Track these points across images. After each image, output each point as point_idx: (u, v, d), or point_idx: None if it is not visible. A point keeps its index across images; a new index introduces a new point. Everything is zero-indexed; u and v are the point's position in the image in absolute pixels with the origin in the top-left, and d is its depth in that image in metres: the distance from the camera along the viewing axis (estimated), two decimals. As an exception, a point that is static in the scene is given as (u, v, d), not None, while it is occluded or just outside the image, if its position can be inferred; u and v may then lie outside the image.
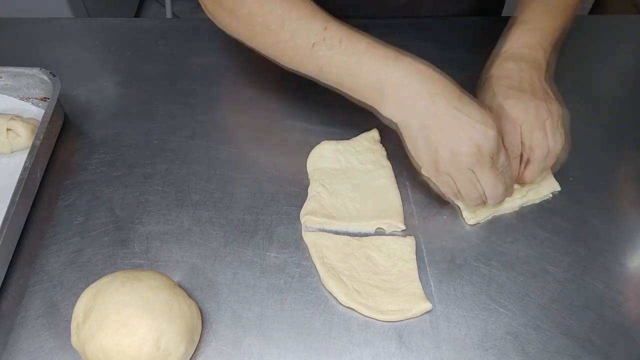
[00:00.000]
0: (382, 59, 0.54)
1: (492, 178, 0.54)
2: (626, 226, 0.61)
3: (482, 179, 0.54)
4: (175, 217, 0.61)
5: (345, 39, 0.55)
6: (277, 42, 0.58)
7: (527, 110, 0.57)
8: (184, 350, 0.48)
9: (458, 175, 0.54)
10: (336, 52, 0.55)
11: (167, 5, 1.87)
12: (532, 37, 0.62)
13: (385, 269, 0.57)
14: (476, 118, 0.52)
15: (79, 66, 0.76)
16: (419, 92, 0.53)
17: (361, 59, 0.54)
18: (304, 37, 0.56)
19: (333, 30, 0.55)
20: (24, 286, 0.55)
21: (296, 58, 0.58)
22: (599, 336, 0.53)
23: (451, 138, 0.52)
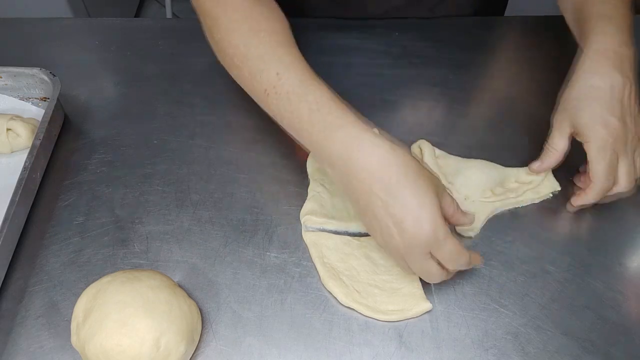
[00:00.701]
0: (322, 129, 0.49)
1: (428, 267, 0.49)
2: (626, 226, 0.61)
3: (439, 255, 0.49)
4: (175, 217, 0.61)
5: (292, 93, 0.51)
6: (241, 79, 0.58)
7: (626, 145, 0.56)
8: (184, 350, 0.48)
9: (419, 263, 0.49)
10: (283, 105, 0.52)
11: (167, 5, 1.87)
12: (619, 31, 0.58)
13: (385, 269, 0.57)
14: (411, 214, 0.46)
15: (79, 66, 0.76)
16: (354, 184, 0.48)
17: (302, 122, 0.51)
18: (259, 81, 0.54)
19: (285, 78, 0.52)
20: (24, 286, 0.55)
21: (255, 98, 0.57)
22: (599, 336, 0.53)
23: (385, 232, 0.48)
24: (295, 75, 0.52)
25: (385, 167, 0.47)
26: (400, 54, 0.78)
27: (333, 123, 0.49)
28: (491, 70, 0.79)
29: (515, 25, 0.85)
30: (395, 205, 0.47)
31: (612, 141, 0.55)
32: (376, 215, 0.48)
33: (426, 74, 0.75)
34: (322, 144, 0.50)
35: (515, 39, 0.83)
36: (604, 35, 0.57)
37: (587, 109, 0.56)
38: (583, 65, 0.58)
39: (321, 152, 0.50)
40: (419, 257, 0.48)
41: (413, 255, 0.48)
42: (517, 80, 0.76)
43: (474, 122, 0.70)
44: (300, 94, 0.51)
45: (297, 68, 0.53)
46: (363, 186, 0.48)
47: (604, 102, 0.56)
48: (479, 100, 0.74)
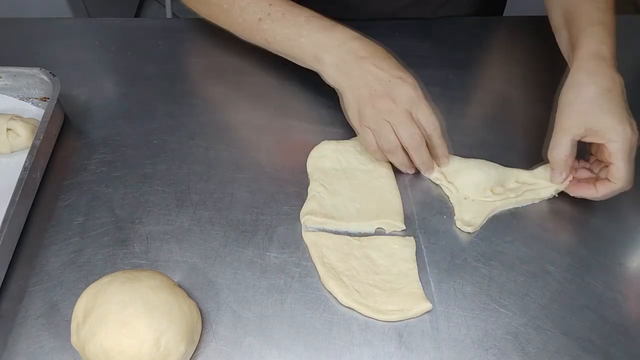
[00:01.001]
0: (319, 29, 0.61)
1: (408, 129, 0.58)
2: (626, 226, 0.61)
3: (398, 130, 0.58)
4: (175, 217, 0.61)
5: (287, 12, 0.63)
6: (229, 18, 0.67)
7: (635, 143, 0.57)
8: (184, 350, 0.48)
9: (376, 126, 0.59)
10: (278, 25, 0.63)
11: (167, 5, 1.87)
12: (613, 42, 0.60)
13: (385, 269, 0.57)
14: (394, 74, 0.58)
15: (79, 66, 0.76)
16: (349, 57, 0.60)
17: (301, 30, 0.62)
18: (251, 13, 0.64)
19: (277, 6, 0.63)
20: (24, 286, 0.55)
21: (246, 31, 0.67)
22: (599, 336, 0.53)
23: (371, 93, 0.58)
24: (286, 2, 0.64)
25: (377, 50, 0.61)
26: (400, 54, 0.77)
27: (327, 26, 0.62)
28: (491, 70, 0.79)
29: (515, 25, 0.85)
30: (384, 68, 0.59)
31: (631, 142, 0.56)
32: (363, 83, 0.59)
33: (426, 74, 0.75)
34: (317, 44, 0.61)
35: (515, 39, 0.83)
36: (596, 39, 0.59)
37: (608, 112, 0.56)
38: (585, 66, 0.58)
39: (318, 49, 0.61)
40: (400, 111, 0.58)
41: (394, 111, 0.58)
42: (517, 80, 0.76)
43: (474, 122, 0.70)
44: (295, 12, 0.63)
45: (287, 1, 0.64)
46: (354, 63, 0.59)
47: (620, 105, 0.56)
48: (479, 100, 0.74)
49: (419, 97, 0.58)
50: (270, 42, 0.65)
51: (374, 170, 0.65)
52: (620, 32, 0.62)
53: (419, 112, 0.58)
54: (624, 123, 0.55)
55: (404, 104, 0.58)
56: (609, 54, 0.58)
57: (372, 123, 0.59)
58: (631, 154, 0.56)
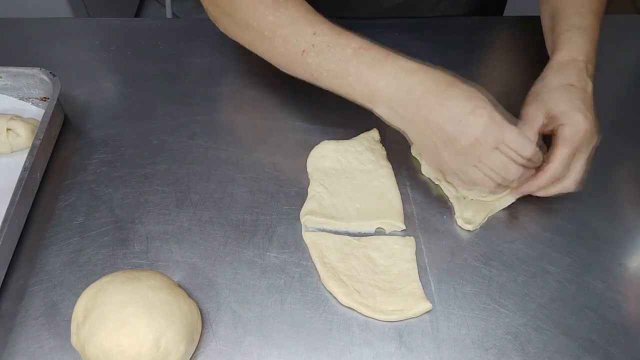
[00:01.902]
0: (368, 64, 0.53)
1: (502, 162, 0.53)
2: (626, 226, 0.61)
3: (494, 166, 0.53)
4: (175, 217, 0.61)
5: (333, 44, 0.54)
6: (270, 49, 0.59)
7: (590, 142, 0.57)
8: (184, 350, 0.48)
9: (467, 170, 0.54)
10: (324, 58, 0.55)
11: (167, 5, 1.87)
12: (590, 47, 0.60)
13: (385, 269, 0.57)
14: (466, 110, 0.51)
15: (79, 66, 0.76)
16: (405, 96, 0.52)
17: (348, 66, 0.54)
18: (295, 43, 0.56)
19: (321, 36, 0.55)
20: (24, 286, 0.55)
21: (289, 64, 0.58)
22: (599, 336, 0.53)
23: (447, 137, 0.52)
24: (332, 30, 0.55)
25: (437, 81, 0.52)
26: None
27: (377, 59, 0.53)
28: (491, 70, 0.79)
29: (515, 25, 0.85)
30: (451, 104, 0.51)
31: (583, 132, 0.55)
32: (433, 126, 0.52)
33: (426, 74, 0.75)
34: (367, 82, 0.53)
35: (515, 39, 0.83)
36: (571, 45, 0.60)
37: (567, 100, 0.56)
38: (556, 67, 0.60)
39: (369, 86, 0.53)
40: (487, 151, 0.51)
41: (480, 150, 0.51)
42: (517, 80, 0.76)
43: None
44: (342, 44, 0.54)
45: (330, 25, 0.56)
46: (414, 105, 0.52)
47: (581, 96, 0.57)
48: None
49: (502, 125, 0.51)
50: (315, 77, 0.57)
51: (374, 170, 0.65)
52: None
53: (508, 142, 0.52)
54: (582, 113, 0.55)
55: (488, 142, 0.51)
56: (583, 59, 0.59)
57: (461, 167, 0.54)
58: (580, 146, 0.56)
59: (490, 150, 0.52)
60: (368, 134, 0.68)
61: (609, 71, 0.78)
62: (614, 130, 0.70)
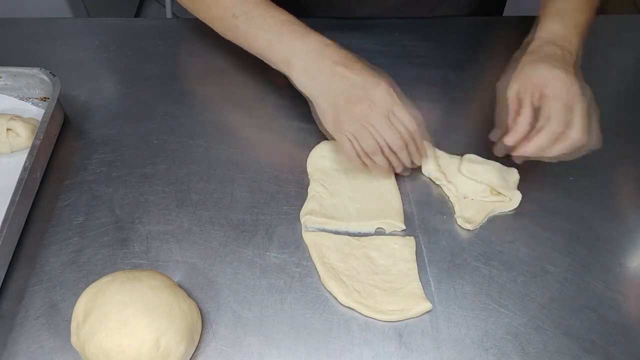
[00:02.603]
0: (292, 34, 0.61)
1: (390, 132, 0.57)
2: (626, 226, 0.61)
3: (380, 134, 0.58)
4: (175, 217, 0.61)
5: (264, 13, 0.62)
6: (209, 14, 0.67)
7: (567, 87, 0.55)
8: (184, 350, 0.48)
9: (355, 132, 0.58)
10: (253, 24, 0.62)
11: (167, 5, 1.87)
12: (565, 29, 0.61)
13: (385, 269, 0.57)
14: (369, 78, 0.57)
15: (79, 66, 0.76)
16: (322, 64, 0.59)
17: (275, 34, 0.61)
18: (229, 6, 0.63)
19: (253, 5, 0.63)
20: (24, 286, 0.55)
21: (221, 27, 0.67)
22: (599, 336, 0.53)
23: (346, 99, 0.57)
24: (265, 3, 0.63)
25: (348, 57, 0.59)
26: (400, 54, 0.78)
27: (300, 31, 0.61)
28: (491, 70, 0.79)
29: (515, 25, 0.85)
30: (356, 71, 0.58)
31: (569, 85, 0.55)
32: (338, 89, 0.58)
33: (426, 74, 0.75)
34: (289, 49, 0.60)
35: (516, 39, 0.83)
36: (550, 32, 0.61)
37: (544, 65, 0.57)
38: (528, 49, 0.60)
39: (290, 54, 0.60)
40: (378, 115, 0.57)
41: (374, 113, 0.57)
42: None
43: (474, 122, 0.70)
44: (271, 13, 0.62)
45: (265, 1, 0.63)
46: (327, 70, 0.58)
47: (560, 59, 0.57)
48: (479, 100, 0.74)
49: (396, 99, 0.58)
50: (241, 40, 0.65)
51: (374, 170, 0.65)
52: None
53: (397, 113, 0.58)
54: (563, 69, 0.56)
55: (381, 107, 0.57)
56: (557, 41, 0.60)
57: (351, 128, 0.58)
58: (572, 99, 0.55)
59: (381, 115, 0.57)
60: (368, 134, 0.68)
61: (609, 71, 0.78)
62: (614, 130, 0.70)
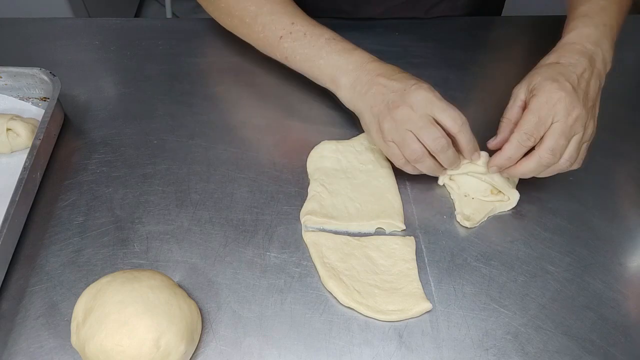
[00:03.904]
0: (339, 52, 0.62)
1: (431, 133, 0.56)
2: (626, 226, 0.61)
3: (421, 135, 0.56)
4: (175, 217, 0.61)
5: (309, 33, 0.63)
6: (250, 33, 0.68)
7: (569, 112, 0.54)
8: (184, 350, 0.48)
9: (398, 138, 0.57)
10: (299, 44, 0.63)
11: (167, 5, 1.87)
12: (596, 31, 0.60)
13: (385, 269, 0.57)
14: (408, 83, 0.57)
15: (79, 66, 0.76)
16: (365, 78, 0.60)
17: (320, 52, 0.62)
18: (273, 30, 0.65)
19: (299, 25, 0.64)
20: (24, 286, 0.55)
21: (266, 47, 0.67)
22: (599, 336, 0.53)
23: (388, 107, 0.57)
24: (308, 22, 0.65)
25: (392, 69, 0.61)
26: (400, 54, 0.78)
27: (347, 49, 0.62)
28: (491, 70, 0.79)
29: (516, 25, 0.85)
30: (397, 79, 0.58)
31: (555, 100, 0.54)
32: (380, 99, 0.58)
33: (426, 74, 0.75)
34: (335, 67, 0.62)
35: (516, 39, 0.83)
36: (579, 33, 0.60)
37: (545, 73, 0.57)
38: (552, 52, 0.60)
39: (336, 72, 0.62)
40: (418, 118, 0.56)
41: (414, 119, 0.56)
42: (518, 80, 0.76)
43: (474, 122, 0.70)
44: (316, 33, 0.63)
45: (307, 17, 0.65)
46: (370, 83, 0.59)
47: (563, 70, 0.56)
48: (479, 100, 0.74)
49: (437, 98, 0.57)
50: (289, 60, 0.66)
51: (374, 170, 0.65)
52: (620, 32, 0.62)
53: (439, 112, 0.56)
54: (557, 83, 0.55)
55: (422, 109, 0.56)
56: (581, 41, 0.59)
57: (394, 135, 0.57)
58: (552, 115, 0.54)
59: (422, 117, 0.56)
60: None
61: (609, 71, 0.78)
62: (614, 130, 0.70)
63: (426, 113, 0.56)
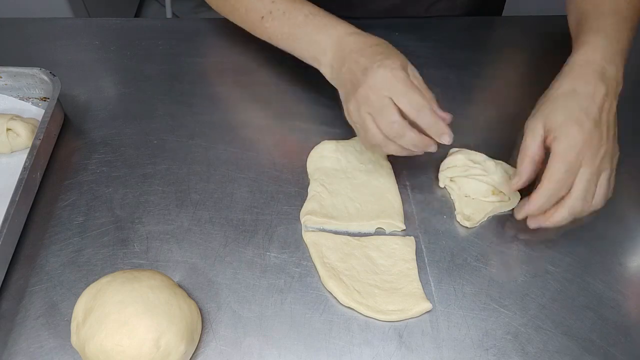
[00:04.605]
0: (317, 28, 0.61)
1: (385, 117, 0.53)
2: (626, 226, 0.61)
3: (376, 119, 0.54)
4: (175, 217, 0.61)
5: (287, 11, 0.63)
6: (233, 13, 0.69)
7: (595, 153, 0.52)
8: (184, 350, 0.48)
9: (359, 120, 0.55)
10: (279, 23, 0.63)
11: (167, 5, 1.88)
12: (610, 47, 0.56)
13: (385, 269, 0.57)
14: (374, 62, 0.54)
15: (79, 66, 0.76)
16: (341, 55, 0.58)
17: (299, 30, 0.62)
18: (256, 9, 0.65)
19: (278, 3, 0.63)
20: (24, 286, 0.55)
21: (252, 29, 0.67)
22: (599, 336, 0.53)
23: (353, 85, 0.55)
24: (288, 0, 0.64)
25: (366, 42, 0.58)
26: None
27: (326, 23, 0.61)
28: (491, 70, 0.79)
29: (516, 25, 0.85)
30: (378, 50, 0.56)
31: (581, 144, 0.52)
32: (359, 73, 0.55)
33: (426, 74, 0.74)
34: (317, 42, 0.61)
35: (516, 39, 0.83)
36: (593, 47, 0.56)
37: (563, 109, 0.53)
38: (565, 72, 0.56)
39: (317, 47, 0.61)
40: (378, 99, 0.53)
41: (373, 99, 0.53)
42: (518, 79, 0.76)
43: (475, 122, 0.70)
44: (295, 10, 0.62)
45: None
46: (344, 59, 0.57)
47: (582, 104, 0.53)
48: (480, 100, 0.74)
49: (397, 79, 0.53)
50: (273, 40, 0.65)
51: (374, 170, 0.65)
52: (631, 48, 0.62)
53: (397, 96, 0.53)
54: (578, 122, 0.52)
55: (380, 90, 0.53)
56: (598, 60, 0.55)
57: (356, 117, 0.56)
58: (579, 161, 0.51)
59: (379, 99, 0.53)
60: (368, 134, 0.68)
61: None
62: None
63: (384, 95, 0.53)
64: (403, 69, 0.54)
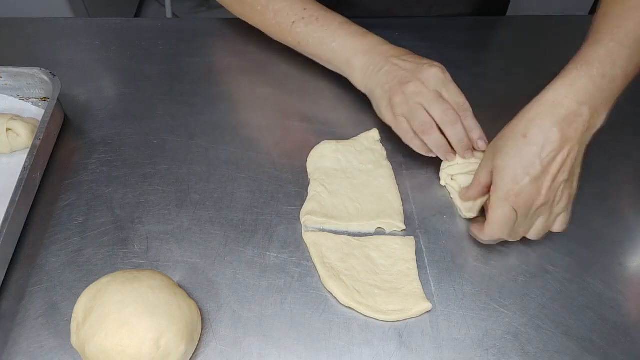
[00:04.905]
0: (351, 34, 0.64)
1: (440, 105, 0.59)
2: (626, 226, 0.61)
3: (430, 108, 0.59)
4: (175, 217, 0.61)
5: (321, 17, 0.66)
6: (262, 20, 0.70)
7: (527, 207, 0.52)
8: (184, 350, 0.48)
9: (408, 110, 0.59)
10: (312, 28, 0.66)
11: (167, 5, 1.88)
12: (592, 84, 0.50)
13: (385, 269, 0.57)
14: (422, 62, 0.61)
15: (79, 66, 0.76)
16: (378, 58, 0.62)
17: (334, 35, 0.65)
18: (285, 16, 0.67)
19: (311, 10, 0.66)
20: (24, 286, 0.55)
21: (278, 33, 0.69)
22: (599, 336, 0.53)
23: (400, 82, 0.60)
24: (320, 7, 0.67)
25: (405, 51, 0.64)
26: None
27: (359, 32, 0.65)
28: (492, 70, 0.79)
29: (516, 25, 0.85)
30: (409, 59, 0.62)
31: (514, 198, 0.51)
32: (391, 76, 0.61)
33: (426, 74, 0.75)
34: (348, 49, 0.64)
35: (516, 39, 0.83)
36: (570, 83, 0.50)
37: (507, 156, 0.52)
38: (528, 108, 0.52)
39: (350, 51, 0.64)
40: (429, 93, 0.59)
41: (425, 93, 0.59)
42: (518, 80, 0.76)
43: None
44: (329, 17, 0.66)
45: (318, 3, 0.68)
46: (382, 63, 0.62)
47: (526, 158, 0.51)
48: (480, 100, 0.74)
49: (448, 79, 0.60)
50: (302, 45, 0.67)
51: (374, 170, 0.65)
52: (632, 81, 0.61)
53: (448, 92, 0.60)
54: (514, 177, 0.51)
55: (433, 85, 0.59)
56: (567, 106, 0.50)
57: (404, 109, 0.60)
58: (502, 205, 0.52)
59: (432, 92, 0.59)
60: (368, 133, 0.68)
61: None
62: (615, 130, 0.70)
63: (436, 90, 0.59)
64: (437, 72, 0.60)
